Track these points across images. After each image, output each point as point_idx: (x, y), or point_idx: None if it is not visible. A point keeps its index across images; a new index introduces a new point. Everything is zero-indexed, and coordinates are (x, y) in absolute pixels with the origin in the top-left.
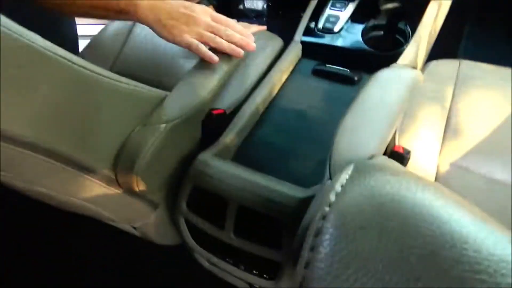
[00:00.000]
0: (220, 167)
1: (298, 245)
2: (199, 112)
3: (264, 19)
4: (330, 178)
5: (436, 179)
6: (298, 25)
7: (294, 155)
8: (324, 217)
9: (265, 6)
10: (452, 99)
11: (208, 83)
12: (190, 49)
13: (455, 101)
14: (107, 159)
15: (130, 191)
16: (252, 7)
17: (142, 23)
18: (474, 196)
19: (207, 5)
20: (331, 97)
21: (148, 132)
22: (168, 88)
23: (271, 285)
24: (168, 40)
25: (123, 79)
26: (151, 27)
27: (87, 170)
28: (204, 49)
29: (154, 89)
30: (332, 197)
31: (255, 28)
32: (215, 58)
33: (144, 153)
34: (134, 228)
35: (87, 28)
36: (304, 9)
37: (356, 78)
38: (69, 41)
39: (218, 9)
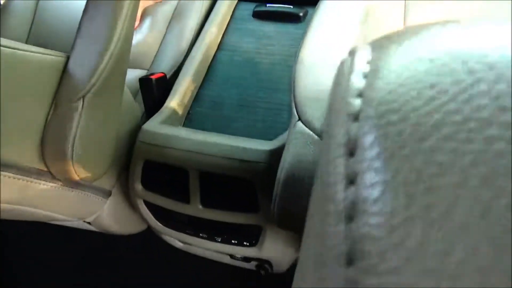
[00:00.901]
0: (171, 134)
1: (282, 200)
2: (114, 75)
3: None
4: (300, 119)
5: None
6: None
7: (249, 107)
8: (358, 122)
9: None
10: None
11: (110, 33)
12: None
13: None
14: (30, 150)
15: (71, 183)
16: None
17: None
18: None
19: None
20: (277, 38)
21: (65, 113)
22: None
23: (253, 252)
24: None
25: (19, 44)
26: None
27: (13, 167)
28: None
29: (48, 51)
30: (358, 83)
31: None
32: None
33: (72, 137)
34: (89, 223)
35: None
36: None
37: (301, 14)
38: None
39: None
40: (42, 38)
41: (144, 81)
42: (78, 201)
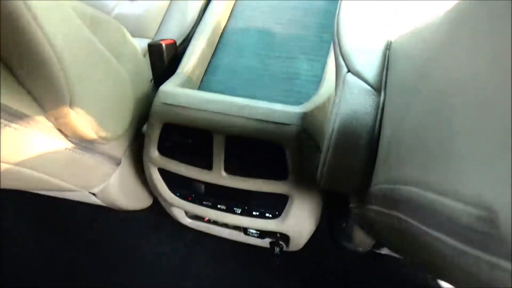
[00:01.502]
0: (193, 95)
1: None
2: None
3: None
4: (349, 70)
5: None
6: None
7: (265, 76)
8: None
9: None
10: None
11: None
12: None
13: None
14: (30, 98)
15: (81, 145)
16: None
17: None
18: None
19: None
20: (296, 9)
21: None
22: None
23: (275, 225)
24: None
25: None
26: None
27: (22, 117)
28: None
29: None
30: None
31: None
32: None
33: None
34: (94, 194)
35: None
36: None
37: None
38: None
39: None
40: None
41: (153, 47)
42: (88, 167)
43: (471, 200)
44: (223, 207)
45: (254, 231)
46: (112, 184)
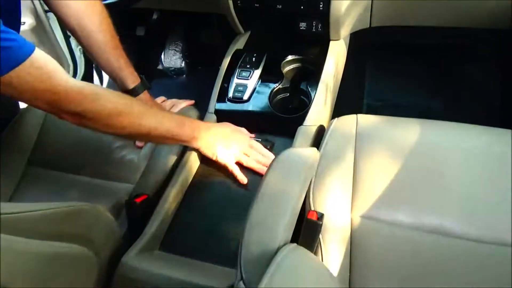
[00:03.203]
0: (144, 269)
1: None
2: None
3: (184, 75)
4: (242, 278)
5: (351, 232)
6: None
7: (218, 236)
8: None
9: (183, 64)
10: (354, 157)
11: None
12: (226, 167)
13: (357, 157)
14: None
15: None
16: (171, 66)
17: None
18: (381, 241)
19: (265, 146)
20: (249, 169)
21: None
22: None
23: None
24: (208, 157)
25: None
26: (198, 149)
27: None
28: (238, 171)
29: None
30: None
31: (185, 103)
32: (245, 180)
33: None
34: None
35: None
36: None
37: (268, 147)
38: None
39: (137, 69)
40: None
41: (129, 204)
42: None
43: None
44: None
45: None
46: None
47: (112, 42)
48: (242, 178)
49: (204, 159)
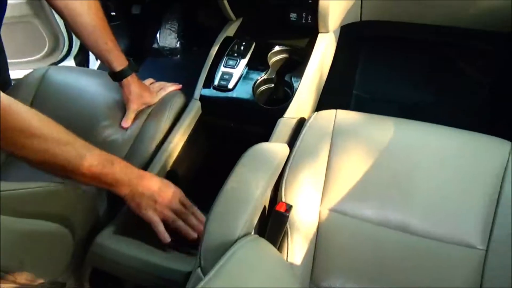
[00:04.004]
0: (116, 249)
1: None
2: None
3: (178, 55)
4: (200, 265)
5: (318, 225)
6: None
7: None
8: None
9: (178, 44)
10: (329, 152)
11: None
12: (150, 225)
13: (332, 153)
14: None
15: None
16: (166, 45)
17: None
18: (346, 235)
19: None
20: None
21: None
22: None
23: None
24: (133, 210)
25: None
26: (123, 198)
27: None
28: (162, 229)
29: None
30: None
31: (173, 87)
32: (167, 240)
33: None
34: None
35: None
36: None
37: None
38: None
39: (132, 48)
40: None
41: None
42: None
43: None
44: None
45: None
46: None
47: (100, 25)
48: (164, 238)
49: (188, 145)
